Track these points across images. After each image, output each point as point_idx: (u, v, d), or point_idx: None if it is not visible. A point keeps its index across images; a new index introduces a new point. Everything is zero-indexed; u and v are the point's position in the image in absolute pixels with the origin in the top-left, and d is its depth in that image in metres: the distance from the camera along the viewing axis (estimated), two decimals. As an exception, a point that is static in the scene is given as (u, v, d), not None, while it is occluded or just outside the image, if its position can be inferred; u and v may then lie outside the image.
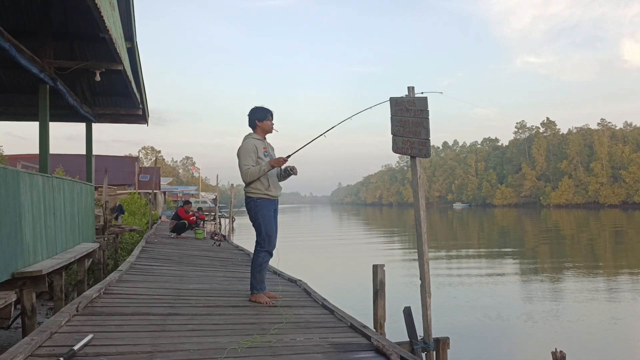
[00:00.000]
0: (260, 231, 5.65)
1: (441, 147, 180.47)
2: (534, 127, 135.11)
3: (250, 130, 5.87)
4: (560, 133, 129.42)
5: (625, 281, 17.41)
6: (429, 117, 4.68)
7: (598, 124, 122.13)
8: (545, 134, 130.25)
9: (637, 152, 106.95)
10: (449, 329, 9.89)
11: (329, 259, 23.67)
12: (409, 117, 4.90)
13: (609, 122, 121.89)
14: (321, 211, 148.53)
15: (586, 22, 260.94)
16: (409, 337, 5.22)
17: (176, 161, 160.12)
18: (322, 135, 5.80)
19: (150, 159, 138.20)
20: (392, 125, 5.18)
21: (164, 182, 64.43)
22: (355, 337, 4.04)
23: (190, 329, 4.13)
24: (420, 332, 5.20)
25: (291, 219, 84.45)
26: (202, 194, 78.21)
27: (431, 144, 4.82)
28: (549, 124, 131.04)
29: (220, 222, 33.60)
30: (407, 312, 5.31)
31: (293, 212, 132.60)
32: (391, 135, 5.24)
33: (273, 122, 5.89)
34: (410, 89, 4.92)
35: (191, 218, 16.29)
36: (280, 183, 5.91)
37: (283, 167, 5.70)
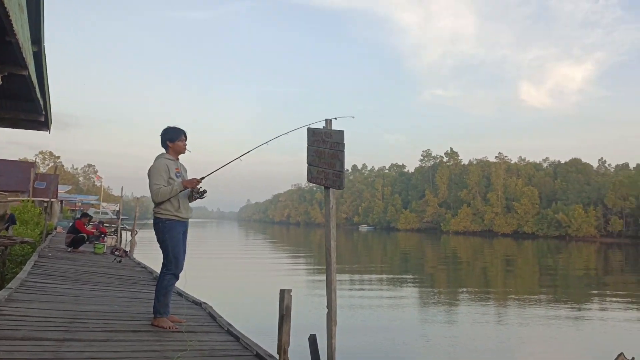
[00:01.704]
0: (168, 253, 5.50)
1: (350, 170, 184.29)
2: (438, 156, 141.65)
3: (163, 151, 5.75)
4: (462, 163, 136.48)
5: (513, 306, 18.58)
6: (344, 150, 4.80)
7: (496, 157, 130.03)
8: (448, 164, 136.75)
9: (528, 186, 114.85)
10: (352, 352, 10.07)
11: (235, 278, 23.37)
12: (325, 148, 4.99)
13: (505, 156, 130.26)
14: (228, 227, 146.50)
15: (489, 62, 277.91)
16: (313, 366, 5.26)
17: (77, 168, 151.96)
18: (238, 159, 5.80)
19: (48, 165, 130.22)
20: (307, 155, 5.25)
21: (62, 190, 60.94)
22: (261, 367, 4.01)
23: (88, 357, 3.92)
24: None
25: (197, 235, 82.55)
26: (104, 204, 74.64)
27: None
28: (452, 154, 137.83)
29: (121, 235, 32.25)
30: (312, 340, 5.35)
31: (200, 228, 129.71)
32: (306, 164, 5.32)
33: (186, 142, 5.79)
34: (328, 122, 5.02)
35: (96, 230, 15.50)
36: (190, 204, 5.81)
37: (195, 188, 5.61)
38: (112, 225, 31.07)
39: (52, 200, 35.06)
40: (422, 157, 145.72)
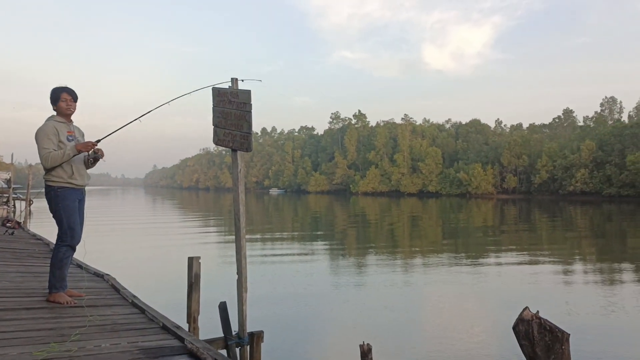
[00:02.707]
0: (62, 224, 5.10)
1: (260, 134, 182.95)
2: (347, 119, 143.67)
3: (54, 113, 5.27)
4: (370, 125, 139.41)
5: (418, 263, 19.37)
6: (252, 111, 4.60)
7: (402, 119, 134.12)
8: (356, 126, 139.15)
9: (433, 147, 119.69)
10: (264, 320, 10.04)
11: (141, 248, 22.57)
12: (231, 109, 4.77)
13: (411, 118, 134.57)
14: (134, 194, 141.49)
15: (394, 24, 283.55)
16: (223, 333, 5.14)
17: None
18: (138, 120, 5.44)
19: None
20: (213, 116, 5.01)
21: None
22: (168, 339, 3.83)
23: (-29, 341, 3.55)
24: (235, 327, 5.15)
25: (100, 202, 79.06)
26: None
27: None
28: (360, 116, 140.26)
29: (14, 206, 30.12)
30: (223, 307, 5.22)
31: (102, 195, 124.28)
32: (212, 126, 5.07)
33: (71, 102, 5.22)
34: (234, 80, 4.78)
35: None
36: (88, 170, 5.40)
37: (91, 152, 5.19)
38: (4, 195, 28.92)
39: None
40: (331, 120, 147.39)
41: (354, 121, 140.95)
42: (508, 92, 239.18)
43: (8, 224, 13.49)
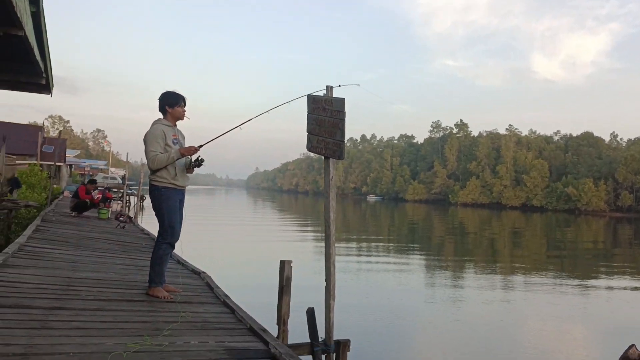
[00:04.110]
0: (164, 222, 5.36)
1: (359, 140, 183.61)
2: (448, 128, 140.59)
3: (160, 116, 5.55)
4: (472, 135, 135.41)
5: (518, 281, 18.46)
6: (345, 119, 4.59)
7: (506, 129, 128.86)
8: (457, 135, 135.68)
9: (538, 159, 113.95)
10: (352, 328, 10.01)
11: (240, 248, 23.37)
12: (325, 116, 4.79)
13: (515, 129, 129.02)
14: (237, 195, 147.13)
15: (502, 32, 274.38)
16: (310, 339, 5.16)
17: (86, 133, 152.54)
18: (237, 128, 5.64)
19: (57, 129, 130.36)
20: (307, 123, 5.06)
21: (71, 154, 61.07)
22: (253, 341, 3.89)
23: (75, 327, 3.81)
24: (322, 334, 5.15)
25: (205, 201, 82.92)
26: (112, 169, 74.87)
27: (348, 137, 4.76)
28: (461, 125, 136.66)
29: (129, 200, 32.27)
30: (310, 313, 5.24)
31: (208, 195, 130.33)
32: (306, 133, 5.12)
33: (185, 108, 5.59)
34: (329, 88, 4.80)
35: (93, 198, 15.42)
36: (188, 174, 5.64)
37: (193, 157, 5.43)
38: (120, 191, 31.08)
39: (59, 164, 35.15)
40: (431, 128, 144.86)
41: (455, 130, 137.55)
42: (625, 104, 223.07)
43: (121, 218, 14.42)
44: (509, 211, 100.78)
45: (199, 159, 5.46)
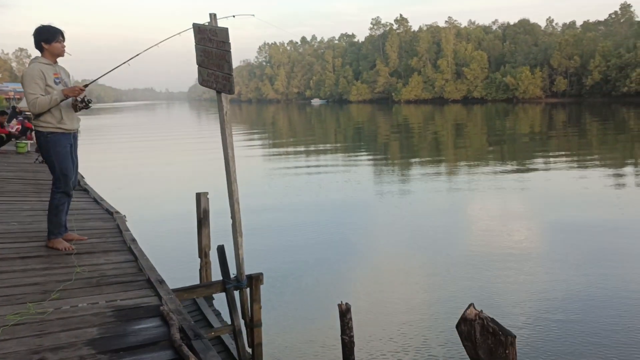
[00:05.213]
0: (55, 170, 5.04)
1: (299, 43, 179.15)
2: (388, 24, 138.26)
3: (38, 54, 5.05)
4: (412, 30, 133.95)
5: (463, 172, 19.55)
6: (231, 50, 4.26)
7: (445, 22, 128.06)
8: (398, 31, 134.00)
9: (478, 50, 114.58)
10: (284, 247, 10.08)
11: (187, 167, 22.83)
12: (212, 47, 4.44)
13: (455, 20, 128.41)
14: (178, 109, 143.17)
15: None
16: (222, 276, 5.11)
17: (7, 54, 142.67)
18: (126, 64, 5.24)
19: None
20: (196, 55, 4.70)
21: (-8, 79, 57.19)
22: (148, 296, 3.77)
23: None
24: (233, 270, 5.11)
25: (144, 119, 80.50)
26: (40, 92, 70.74)
27: (289, 40, 4.47)
28: (401, 20, 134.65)
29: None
30: (220, 250, 5.15)
31: (148, 110, 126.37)
32: (196, 65, 4.77)
33: (64, 43, 5.09)
34: (212, 16, 4.42)
35: (10, 131, 14.56)
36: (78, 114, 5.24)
37: (80, 97, 5.01)
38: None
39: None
40: (371, 26, 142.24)
41: (395, 26, 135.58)
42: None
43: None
44: (451, 105, 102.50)
45: (86, 99, 5.06)
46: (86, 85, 5.04)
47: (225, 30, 4.27)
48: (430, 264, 9.22)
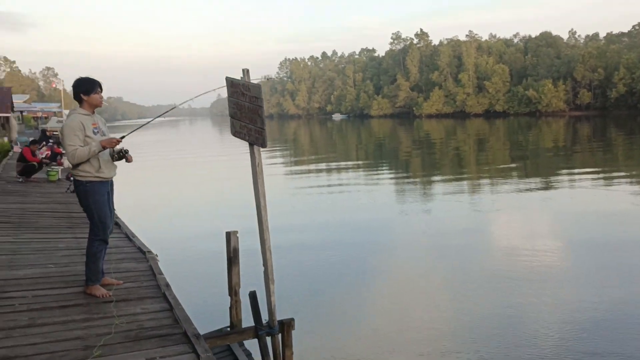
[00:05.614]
0: (93, 218, 5.17)
1: (320, 58, 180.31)
2: (408, 38, 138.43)
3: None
4: (432, 44, 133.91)
5: (485, 186, 19.79)
6: (263, 105, 4.36)
7: (466, 35, 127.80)
8: (418, 45, 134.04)
9: (499, 64, 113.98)
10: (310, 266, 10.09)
11: (210, 190, 23.07)
12: (244, 101, 4.54)
13: (476, 34, 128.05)
14: (201, 125, 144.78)
15: None
16: (254, 322, 5.17)
17: (35, 73, 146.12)
18: (161, 117, 5.40)
19: (4, 71, 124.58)
20: (229, 107, 4.81)
21: (20, 99, 58.62)
22: (186, 352, 3.83)
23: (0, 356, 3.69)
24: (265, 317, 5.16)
25: (167, 136, 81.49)
26: (66, 111, 72.13)
27: (309, 56, 4.56)
28: (422, 35, 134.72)
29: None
30: (252, 296, 5.23)
31: (172, 127, 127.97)
32: (229, 116, 4.88)
33: (102, 94, 5.25)
34: (245, 72, 4.53)
35: (40, 159, 14.89)
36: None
37: (116, 148, 5.17)
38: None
39: (6, 115, 33.79)
40: (391, 40, 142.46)
41: (415, 41, 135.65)
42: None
43: (71, 177, 13.96)
44: (473, 119, 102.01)
45: (123, 150, 5.22)
46: (123, 137, 5.18)
47: (258, 87, 4.37)
48: (459, 288, 9.20)
